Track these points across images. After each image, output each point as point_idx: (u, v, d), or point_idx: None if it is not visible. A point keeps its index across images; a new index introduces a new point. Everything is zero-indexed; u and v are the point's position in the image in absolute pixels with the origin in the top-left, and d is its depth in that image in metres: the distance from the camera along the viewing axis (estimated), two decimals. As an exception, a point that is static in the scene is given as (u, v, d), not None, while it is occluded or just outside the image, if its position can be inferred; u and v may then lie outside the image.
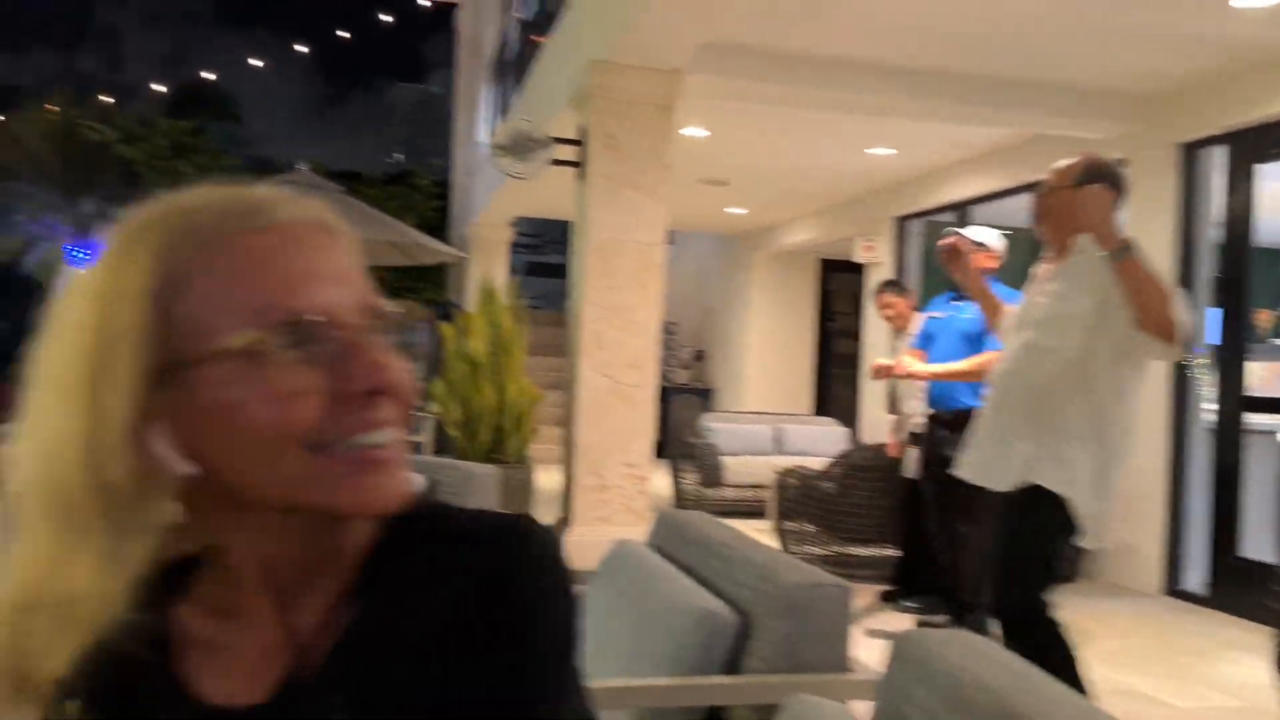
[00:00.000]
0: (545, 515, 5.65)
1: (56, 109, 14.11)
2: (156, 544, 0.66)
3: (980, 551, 4.18)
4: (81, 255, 13.51)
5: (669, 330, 11.64)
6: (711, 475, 7.61)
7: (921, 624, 4.45)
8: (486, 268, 11.40)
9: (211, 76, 15.20)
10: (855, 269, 9.56)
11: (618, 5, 5.00)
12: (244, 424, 0.62)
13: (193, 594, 0.71)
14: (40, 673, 0.63)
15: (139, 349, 0.62)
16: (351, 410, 0.63)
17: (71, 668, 0.63)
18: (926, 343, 4.56)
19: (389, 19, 14.99)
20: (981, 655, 1.47)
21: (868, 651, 1.95)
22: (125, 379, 0.62)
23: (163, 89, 16.81)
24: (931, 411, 4.56)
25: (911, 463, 4.86)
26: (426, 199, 15.60)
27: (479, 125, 12.82)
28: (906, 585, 4.94)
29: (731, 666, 1.87)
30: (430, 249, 9.11)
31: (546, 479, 6.42)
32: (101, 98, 14.75)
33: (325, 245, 0.67)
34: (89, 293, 0.64)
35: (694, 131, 6.79)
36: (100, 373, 0.62)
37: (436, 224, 14.25)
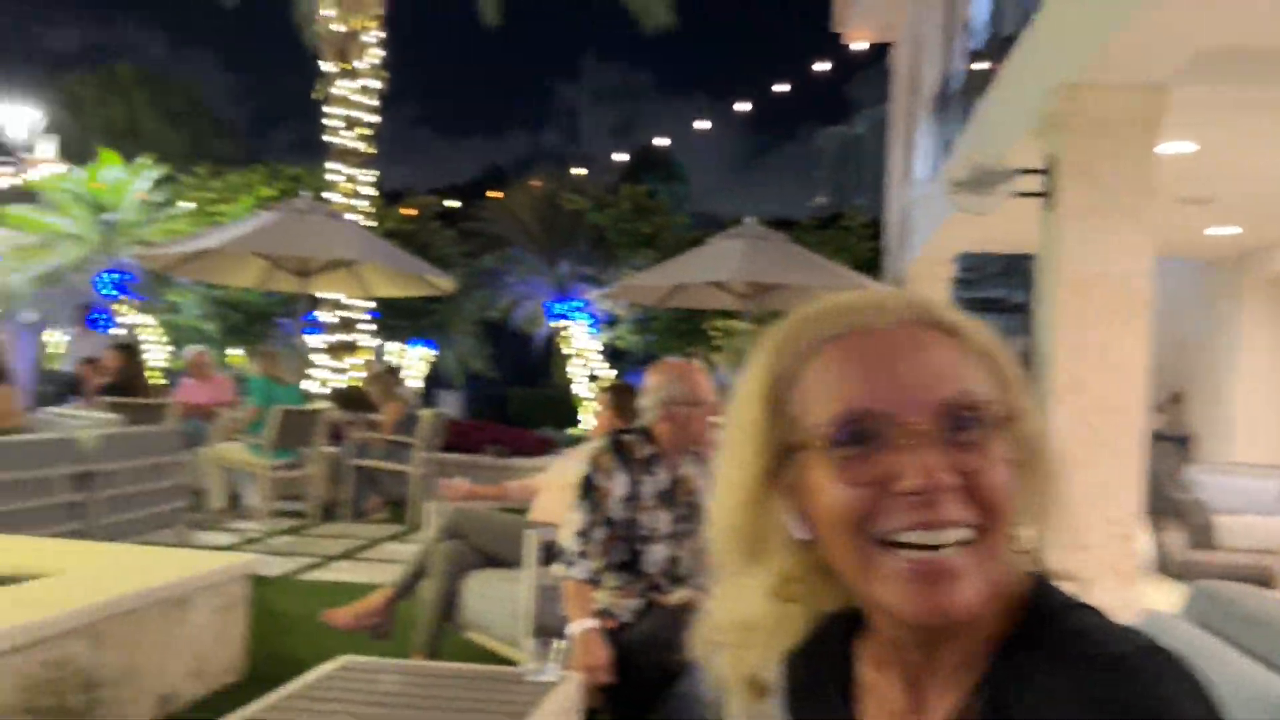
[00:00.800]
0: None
1: (539, 184, 16.26)
2: (811, 589, 0.78)
3: None
4: (559, 312, 15.37)
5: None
6: (1201, 536, 6.67)
7: None
8: (928, 307, 11.09)
9: (664, 142, 16.60)
10: (1391, 293, 7.92)
11: (1094, 21, 4.64)
12: (818, 507, 0.71)
13: (867, 639, 0.79)
14: (753, 676, 0.81)
15: (757, 435, 0.75)
16: (901, 508, 0.67)
17: (769, 675, 0.80)
18: None
19: (818, 66, 15.33)
20: None
21: None
22: (749, 458, 0.76)
23: (620, 157, 18.67)
24: None
25: None
26: (860, 240, 15.62)
27: (917, 163, 12.61)
28: None
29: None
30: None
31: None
32: (574, 170, 16.77)
33: (920, 345, 0.72)
34: (738, 388, 0.79)
35: (1176, 147, 6.08)
36: (736, 451, 0.77)
37: (871, 265, 14.20)
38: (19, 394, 6.04)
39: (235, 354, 14.75)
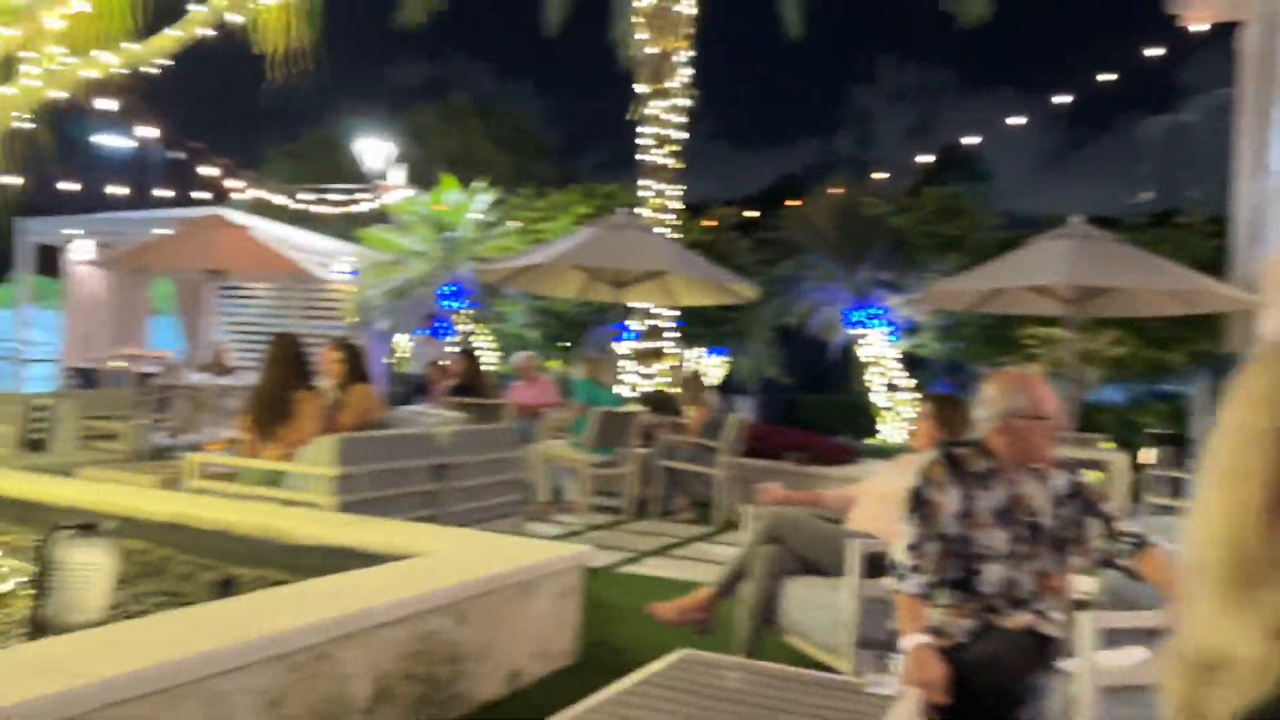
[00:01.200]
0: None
1: (840, 190, 16.09)
2: None
3: None
4: (856, 319, 15.13)
5: None
6: None
7: None
8: (1285, 313, 9.82)
9: (968, 141, 15.86)
10: None
11: None
12: None
13: None
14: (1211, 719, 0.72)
15: (1266, 450, 0.68)
16: None
17: None
18: None
19: (1146, 51, 14.03)
20: None
21: None
22: (1259, 477, 0.68)
23: (922, 158, 18.05)
24: None
25: None
26: (1200, 239, 14.09)
27: (1272, 151, 11.21)
28: None
29: None
30: (1216, 295, 8.23)
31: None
32: (873, 175, 16.43)
33: None
34: (1235, 399, 0.72)
35: None
36: (1237, 468, 0.69)
37: (1213, 266, 12.77)
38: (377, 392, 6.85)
39: (555, 360, 15.83)
